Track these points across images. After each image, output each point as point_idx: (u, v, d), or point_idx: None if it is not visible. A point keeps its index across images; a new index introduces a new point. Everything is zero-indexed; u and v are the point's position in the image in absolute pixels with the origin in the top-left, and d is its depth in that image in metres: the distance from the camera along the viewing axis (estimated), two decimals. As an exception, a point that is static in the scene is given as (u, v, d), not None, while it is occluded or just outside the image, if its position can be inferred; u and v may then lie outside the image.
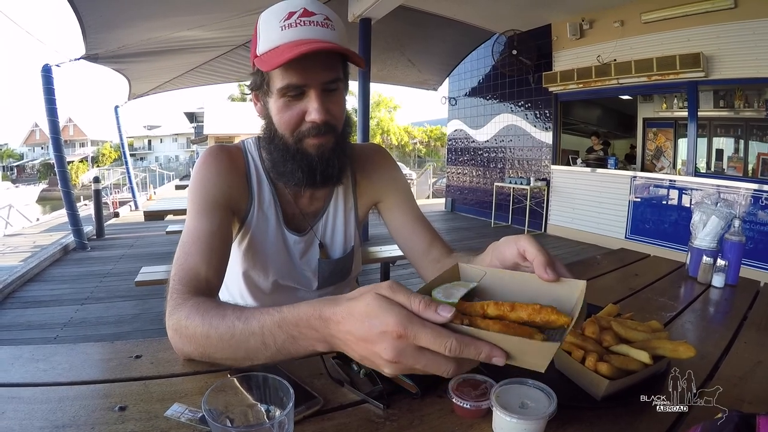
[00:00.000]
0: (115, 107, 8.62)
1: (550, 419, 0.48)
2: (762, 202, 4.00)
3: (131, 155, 15.18)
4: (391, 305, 0.42)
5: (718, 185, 4.31)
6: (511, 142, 6.93)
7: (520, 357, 0.41)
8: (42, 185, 27.20)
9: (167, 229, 3.86)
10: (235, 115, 21.54)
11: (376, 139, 22.69)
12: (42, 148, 35.56)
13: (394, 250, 2.88)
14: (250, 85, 0.82)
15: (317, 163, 0.79)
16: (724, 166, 4.70)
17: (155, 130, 38.03)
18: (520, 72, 6.33)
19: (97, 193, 6.21)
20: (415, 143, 26.93)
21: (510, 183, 6.53)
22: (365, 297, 0.44)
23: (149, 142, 38.15)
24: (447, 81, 8.27)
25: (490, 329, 0.42)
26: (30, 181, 31.35)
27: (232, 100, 27.77)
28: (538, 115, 6.39)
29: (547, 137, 6.27)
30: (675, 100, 5.34)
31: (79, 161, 31.61)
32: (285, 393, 0.43)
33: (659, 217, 4.91)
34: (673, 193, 4.78)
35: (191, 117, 35.28)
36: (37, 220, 9.41)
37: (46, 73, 5.00)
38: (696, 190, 4.55)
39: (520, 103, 6.66)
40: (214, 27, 4.69)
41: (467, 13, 5.73)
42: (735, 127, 4.64)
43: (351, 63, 0.79)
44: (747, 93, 4.39)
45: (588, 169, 5.72)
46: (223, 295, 0.95)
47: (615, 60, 5.08)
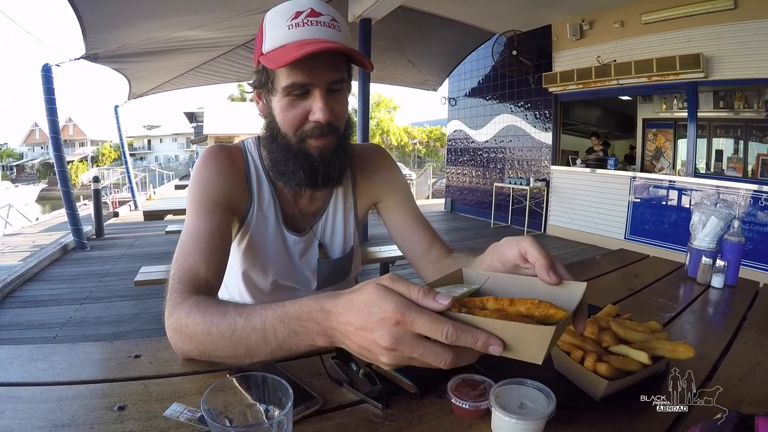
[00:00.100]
0: (115, 107, 8.62)
1: (549, 420, 0.48)
2: (761, 203, 4.00)
3: (131, 155, 15.17)
4: (391, 293, 0.43)
5: (717, 186, 4.32)
6: (510, 142, 6.93)
7: (517, 346, 0.41)
8: (41, 185, 27.19)
9: (167, 229, 3.87)
10: (234, 115, 21.53)
11: (375, 139, 22.68)
12: (42, 148, 35.53)
13: (394, 251, 2.87)
14: (253, 83, 0.82)
15: (319, 164, 0.79)
16: (724, 167, 4.70)
17: (155, 129, 38.02)
18: (520, 72, 6.33)
19: (97, 193, 6.21)
20: (415, 143, 26.93)
21: (510, 183, 6.53)
22: (366, 287, 0.44)
23: (149, 142, 38.14)
24: (447, 81, 8.27)
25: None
26: (29, 180, 31.32)
27: (232, 100, 27.77)
28: (537, 116, 6.39)
29: (546, 138, 6.27)
30: (675, 101, 5.34)
31: (79, 161, 31.60)
32: (284, 393, 0.43)
33: (659, 218, 4.91)
34: (673, 194, 4.78)
35: (191, 117, 35.29)
36: (37, 219, 9.39)
37: (46, 72, 4.99)
38: (695, 190, 4.55)
39: (519, 104, 6.66)
40: (214, 27, 4.69)
41: (467, 14, 5.73)
42: (734, 128, 4.65)
43: (357, 65, 0.79)
44: (747, 94, 4.40)
45: (587, 169, 5.72)
46: (223, 295, 0.95)
47: (615, 61, 5.08)
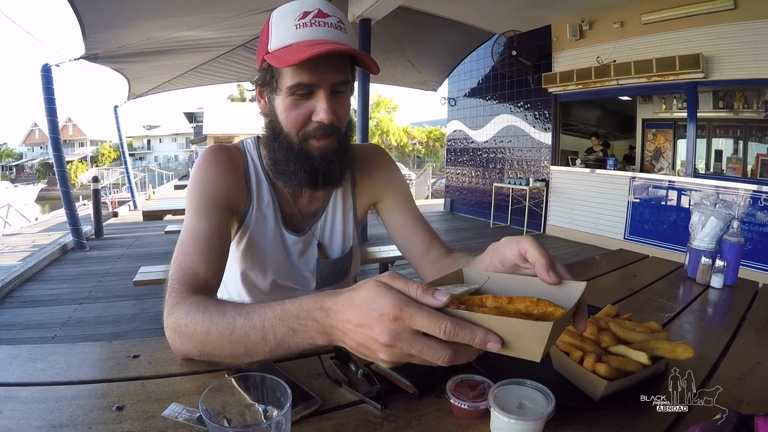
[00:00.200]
0: (115, 107, 8.61)
1: (548, 420, 0.48)
2: (761, 203, 4.00)
3: (130, 155, 15.17)
4: (390, 290, 0.43)
5: (717, 186, 4.32)
6: (510, 142, 6.93)
7: (516, 343, 0.41)
8: (41, 185, 27.17)
9: (166, 229, 3.87)
10: (234, 116, 21.54)
11: (374, 139, 22.67)
12: (41, 148, 35.52)
13: (393, 251, 2.88)
14: (256, 81, 0.82)
15: (320, 165, 0.79)
16: (723, 167, 4.70)
17: (154, 130, 38.01)
18: (520, 73, 6.33)
19: (96, 193, 6.20)
20: (415, 144, 26.93)
21: (509, 183, 6.54)
22: (365, 285, 0.45)
23: (148, 142, 38.12)
24: (446, 81, 8.27)
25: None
26: (29, 180, 31.30)
27: (232, 100, 27.78)
28: (537, 116, 6.39)
29: (546, 138, 6.27)
30: (674, 101, 5.34)
31: (78, 161, 31.59)
32: (282, 393, 0.43)
33: (658, 218, 4.91)
34: (672, 194, 4.78)
35: (190, 117, 35.30)
36: (36, 219, 9.38)
37: (46, 72, 4.99)
38: (695, 191, 4.55)
39: (519, 104, 6.66)
40: (214, 27, 4.69)
41: (467, 14, 5.73)
42: (734, 128, 4.65)
43: (363, 68, 0.78)
44: (746, 94, 4.40)
45: (587, 169, 5.72)
46: (221, 295, 0.95)
47: (614, 61, 5.08)
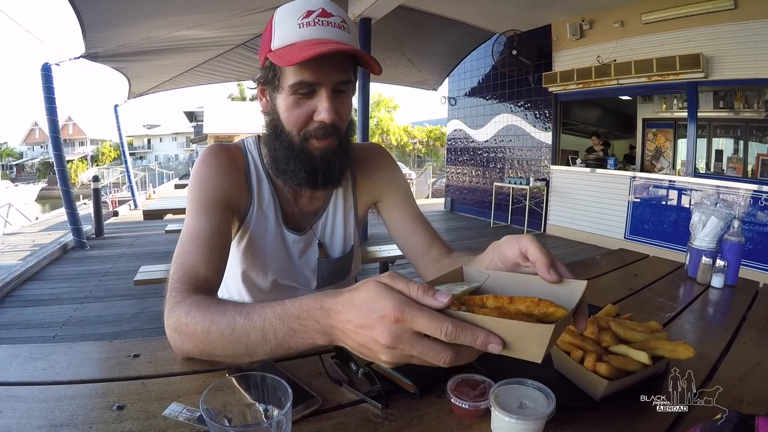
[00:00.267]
0: (115, 106, 8.61)
1: (548, 419, 0.48)
2: (761, 203, 4.00)
3: (131, 154, 15.18)
4: (390, 291, 0.43)
5: (717, 186, 4.31)
6: (510, 142, 6.93)
7: (517, 345, 0.41)
8: (41, 184, 27.14)
9: (166, 228, 3.87)
10: (234, 115, 21.53)
11: (374, 138, 22.67)
12: (41, 147, 35.52)
13: (393, 250, 2.88)
14: (259, 79, 0.82)
15: (320, 165, 0.80)
16: (724, 167, 4.70)
17: (155, 129, 38.00)
18: (520, 72, 6.33)
19: (97, 192, 6.20)
20: (415, 143, 26.91)
21: (509, 183, 6.53)
22: (366, 285, 0.44)
23: (149, 141, 38.12)
24: (447, 81, 8.26)
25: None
26: (29, 179, 31.29)
27: (232, 99, 27.76)
28: (537, 116, 6.39)
29: (546, 137, 6.27)
30: (675, 101, 5.33)
31: (79, 160, 31.60)
32: (283, 392, 0.43)
33: (658, 218, 4.91)
34: (673, 194, 4.78)
35: (191, 116, 35.25)
36: (37, 218, 9.39)
37: (46, 71, 4.99)
38: (695, 190, 4.55)
39: (519, 103, 6.65)
40: (214, 26, 4.69)
41: (467, 13, 5.72)
42: (734, 128, 4.65)
43: (365, 68, 0.78)
44: (747, 94, 4.40)
45: (587, 169, 5.72)
46: (222, 294, 0.95)
47: (615, 60, 5.07)
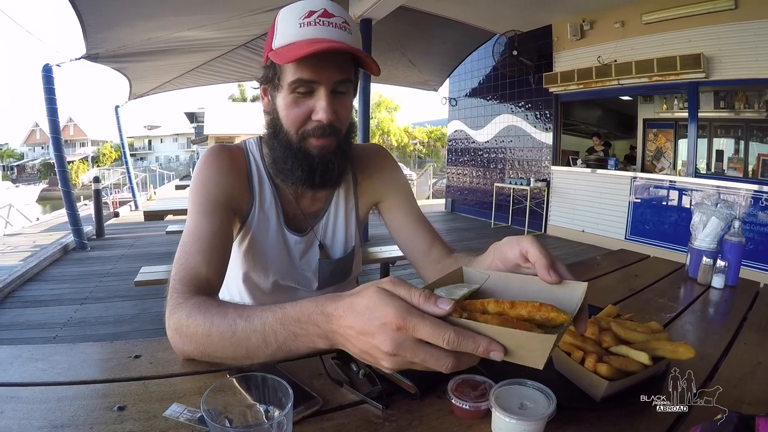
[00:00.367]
0: (116, 107, 8.62)
1: (549, 420, 0.48)
2: (762, 203, 3.99)
3: (131, 155, 15.17)
4: (392, 298, 0.42)
5: (718, 186, 4.31)
6: (511, 142, 6.93)
7: (518, 352, 0.41)
8: (42, 185, 27.16)
9: (167, 229, 3.86)
10: (235, 116, 21.58)
11: (375, 139, 22.65)
12: (42, 148, 35.56)
13: (394, 251, 2.87)
14: (261, 78, 0.82)
15: (317, 164, 0.80)
16: (725, 167, 4.69)
17: (155, 130, 38.02)
18: (521, 72, 6.33)
19: (97, 193, 6.21)
20: (416, 144, 26.91)
21: (510, 183, 6.53)
22: (367, 291, 0.44)
23: (149, 142, 38.15)
24: (447, 81, 8.26)
25: (489, 324, 0.42)
26: (30, 180, 31.32)
27: (233, 100, 27.82)
28: (538, 116, 6.39)
29: (547, 138, 6.27)
30: (675, 101, 5.33)
31: (80, 161, 31.63)
32: (284, 393, 0.43)
33: (659, 218, 4.90)
34: (673, 194, 4.77)
35: (191, 117, 35.30)
36: (37, 219, 9.40)
37: (47, 72, 5.00)
38: (696, 191, 4.55)
39: (520, 104, 6.65)
40: (215, 27, 4.70)
41: (468, 14, 5.73)
42: (735, 128, 4.64)
43: (364, 69, 0.79)
44: (748, 94, 4.39)
45: (588, 169, 5.71)
46: (223, 295, 0.95)
47: (615, 61, 5.07)
